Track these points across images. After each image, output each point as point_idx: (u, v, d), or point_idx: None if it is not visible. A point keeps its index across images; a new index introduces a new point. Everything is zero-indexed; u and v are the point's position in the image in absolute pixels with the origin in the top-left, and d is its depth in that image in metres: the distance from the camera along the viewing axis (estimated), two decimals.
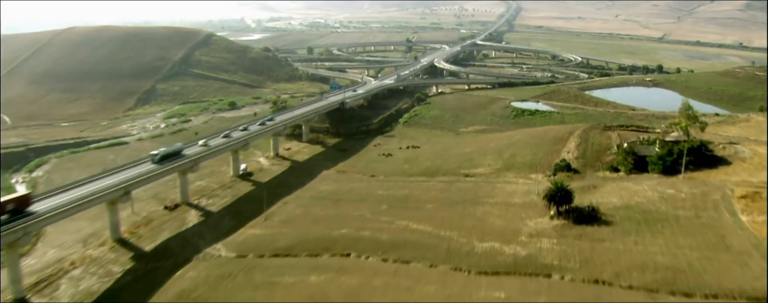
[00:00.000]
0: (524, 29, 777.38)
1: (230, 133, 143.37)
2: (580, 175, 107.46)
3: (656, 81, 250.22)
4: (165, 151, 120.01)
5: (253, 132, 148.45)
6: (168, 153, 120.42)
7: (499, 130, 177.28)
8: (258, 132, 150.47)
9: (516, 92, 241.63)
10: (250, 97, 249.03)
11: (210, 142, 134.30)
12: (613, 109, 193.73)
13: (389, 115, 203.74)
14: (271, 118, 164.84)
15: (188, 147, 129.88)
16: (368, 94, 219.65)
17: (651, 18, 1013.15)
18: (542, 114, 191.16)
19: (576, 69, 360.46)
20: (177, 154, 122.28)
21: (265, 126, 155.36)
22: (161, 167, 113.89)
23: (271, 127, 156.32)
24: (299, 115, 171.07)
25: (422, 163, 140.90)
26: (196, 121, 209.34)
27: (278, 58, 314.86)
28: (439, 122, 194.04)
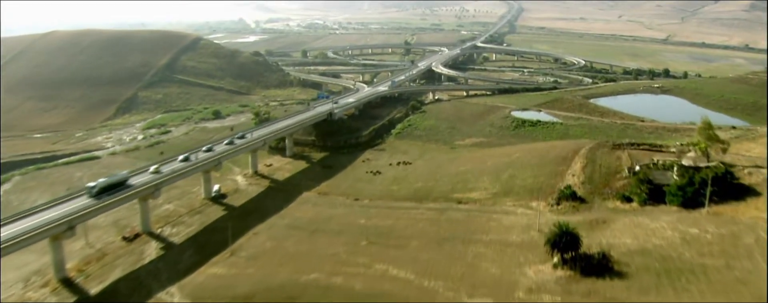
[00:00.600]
0: (526, 30, 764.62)
1: (190, 156, 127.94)
2: (587, 205, 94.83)
3: (665, 87, 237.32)
4: (105, 183, 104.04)
5: (216, 154, 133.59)
6: (109, 184, 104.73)
7: (497, 143, 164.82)
8: (226, 152, 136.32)
9: (517, 100, 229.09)
10: (237, 105, 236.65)
11: (163, 168, 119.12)
12: (620, 119, 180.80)
13: (381, 125, 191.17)
14: (241, 135, 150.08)
15: (136, 175, 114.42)
16: (359, 103, 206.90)
17: (654, 19, 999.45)
18: (544, 125, 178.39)
19: (579, 73, 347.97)
20: (121, 184, 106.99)
21: (234, 145, 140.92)
22: (99, 202, 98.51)
23: (245, 145, 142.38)
24: (280, 129, 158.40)
25: (412, 183, 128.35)
26: (177, 132, 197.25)
27: (269, 63, 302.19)
28: (433, 134, 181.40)
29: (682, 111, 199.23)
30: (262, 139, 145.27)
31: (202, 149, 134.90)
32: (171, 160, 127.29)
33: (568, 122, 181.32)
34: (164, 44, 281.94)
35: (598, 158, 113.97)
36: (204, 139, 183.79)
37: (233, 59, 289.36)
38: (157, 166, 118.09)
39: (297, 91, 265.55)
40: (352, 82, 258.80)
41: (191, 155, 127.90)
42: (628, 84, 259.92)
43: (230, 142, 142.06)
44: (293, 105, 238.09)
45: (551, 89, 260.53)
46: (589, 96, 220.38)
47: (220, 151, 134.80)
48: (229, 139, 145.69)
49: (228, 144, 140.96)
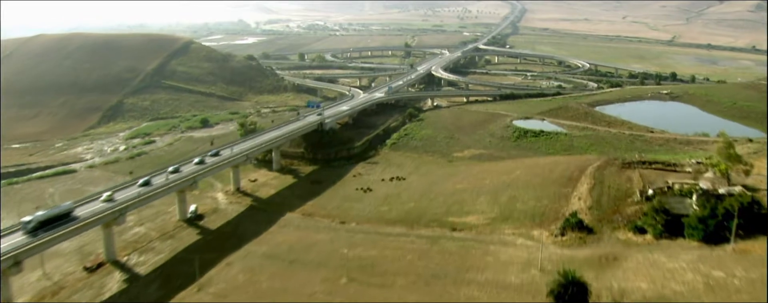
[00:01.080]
0: (529, 31, 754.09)
1: (151, 180, 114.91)
2: (596, 236, 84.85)
3: (674, 94, 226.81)
4: (44, 216, 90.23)
5: (183, 177, 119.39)
6: (49, 218, 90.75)
7: (498, 156, 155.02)
8: (198, 172, 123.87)
9: (519, 107, 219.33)
10: (227, 112, 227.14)
11: (117, 195, 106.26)
12: (628, 130, 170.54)
13: (375, 135, 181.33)
14: (216, 152, 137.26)
15: (84, 204, 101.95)
16: (353, 111, 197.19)
17: (659, 19, 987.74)
18: (548, 136, 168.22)
19: (584, 77, 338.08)
20: (64, 217, 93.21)
21: (204, 165, 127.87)
22: (34, 240, 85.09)
23: (223, 162, 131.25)
24: (266, 142, 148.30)
25: (404, 203, 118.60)
26: (161, 143, 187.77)
27: (262, 68, 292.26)
28: (430, 145, 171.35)
29: (692, 120, 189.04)
30: (243, 155, 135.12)
31: (168, 170, 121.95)
32: (131, 183, 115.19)
33: (572, 133, 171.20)
34: (154, 48, 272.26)
35: (607, 179, 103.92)
36: (188, 151, 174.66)
37: (226, 63, 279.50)
38: (111, 194, 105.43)
39: (291, 97, 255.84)
40: (348, 88, 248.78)
41: (152, 178, 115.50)
42: (636, 90, 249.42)
43: (200, 162, 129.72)
44: (285, 112, 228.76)
45: (555, 95, 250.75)
46: (595, 103, 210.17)
47: (188, 173, 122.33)
48: (200, 157, 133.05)
49: (198, 163, 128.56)
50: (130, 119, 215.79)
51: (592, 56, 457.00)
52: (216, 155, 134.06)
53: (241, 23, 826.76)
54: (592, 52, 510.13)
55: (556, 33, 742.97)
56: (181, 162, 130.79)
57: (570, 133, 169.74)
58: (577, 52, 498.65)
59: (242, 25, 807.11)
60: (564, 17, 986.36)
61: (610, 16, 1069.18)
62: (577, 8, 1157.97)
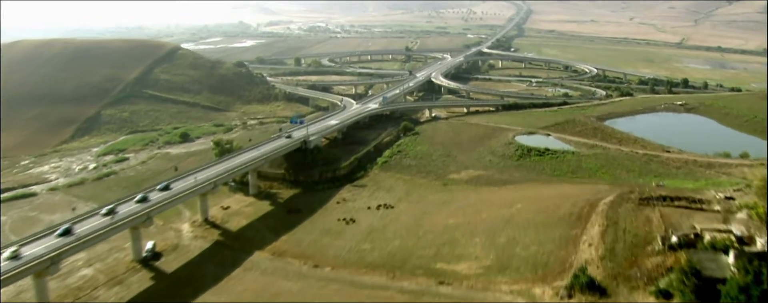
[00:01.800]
0: (535, 34, 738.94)
1: (72, 227, 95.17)
2: (610, 300, 69.96)
3: (689, 105, 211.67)
4: None
5: (114, 222, 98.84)
6: None
7: (498, 178, 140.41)
8: (132, 216, 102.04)
9: (523, 118, 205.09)
10: (211, 125, 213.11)
11: (24, 250, 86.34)
12: (641, 148, 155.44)
13: (366, 153, 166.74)
14: (165, 185, 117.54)
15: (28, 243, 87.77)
16: (343, 126, 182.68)
17: (667, 21, 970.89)
18: (553, 155, 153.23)
19: (591, 83, 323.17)
20: None
21: (147, 204, 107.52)
22: None
23: (182, 193, 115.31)
24: (240, 166, 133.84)
25: (389, 240, 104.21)
26: (134, 160, 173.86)
27: (252, 75, 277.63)
28: (425, 164, 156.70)
29: (711, 135, 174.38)
30: (210, 182, 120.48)
31: (101, 212, 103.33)
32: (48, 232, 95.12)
33: (580, 151, 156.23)
34: (138, 55, 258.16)
35: (622, 219, 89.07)
36: (161, 171, 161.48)
37: (213, 71, 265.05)
38: (16, 249, 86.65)
39: (280, 107, 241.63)
40: (340, 98, 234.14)
41: (74, 225, 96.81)
42: (648, 100, 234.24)
43: (142, 200, 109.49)
44: (272, 124, 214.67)
45: (561, 104, 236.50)
46: (605, 116, 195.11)
47: (125, 215, 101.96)
48: (143, 193, 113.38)
49: (139, 201, 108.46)
50: (106, 133, 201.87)
51: (600, 60, 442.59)
52: (165, 189, 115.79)
53: (241, 25, 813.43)
54: (599, 55, 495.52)
55: (562, 35, 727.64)
56: (120, 200, 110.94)
57: (578, 152, 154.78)
58: (583, 55, 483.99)
59: (242, 26, 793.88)
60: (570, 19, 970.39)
61: (618, 17, 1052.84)
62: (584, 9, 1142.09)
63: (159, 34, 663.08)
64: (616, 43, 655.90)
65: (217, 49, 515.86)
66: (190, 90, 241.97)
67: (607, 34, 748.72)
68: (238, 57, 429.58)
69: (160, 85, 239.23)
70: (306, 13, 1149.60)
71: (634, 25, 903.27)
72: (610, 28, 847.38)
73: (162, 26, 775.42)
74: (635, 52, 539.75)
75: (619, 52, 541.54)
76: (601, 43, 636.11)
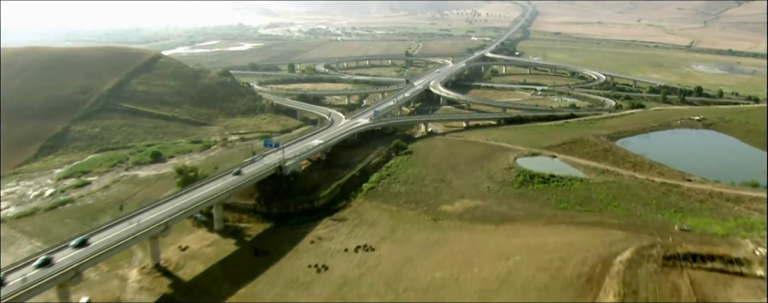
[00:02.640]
0: (540, 36, 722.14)
1: None
2: None
3: (707, 120, 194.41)
4: None
5: None
6: None
7: (496, 212, 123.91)
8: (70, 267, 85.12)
9: (526, 135, 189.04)
10: (188, 141, 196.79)
11: None
12: (658, 176, 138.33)
13: (350, 178, 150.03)
14: (80, 241, 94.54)
15: None
16: (327, 146, 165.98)
17: (676, 23, 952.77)
18: (559, 182, 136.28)
19: (599, 90, 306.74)
20: None
21: (47, 273, 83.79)
22: None
23: (123, 241, 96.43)
24: (199, 201, 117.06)
25: (364, 297, 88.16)
26: (97, 184, 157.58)
27: (238, 85, 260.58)
28: (415, 190, 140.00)
29: (734, 157, 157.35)
30: (160, 224, 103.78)
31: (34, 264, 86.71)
32: None
33: (590, 178, 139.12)
34: (115, 64, 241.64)
35: (643, 285, 72.32)
36: (125, 197, 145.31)
37: (196, 81, 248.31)
38: None
39: (266, 120, 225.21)
40: (328, 112, 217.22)
41: None
42: (661, 113, 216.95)
43: (44, 263, 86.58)
44: (255, 140, 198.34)
45: (568, 117, 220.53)
46: (616, 135, 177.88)
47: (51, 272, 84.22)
48: (46, 254, 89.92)
49: (40, 265, 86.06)
50: (73, 151, 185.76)
51: (607, 65, 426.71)
52: (81, 245, 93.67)
53: (240, 27, 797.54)
54: (606, 59, 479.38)
55: (568, 38, 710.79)
56: (16, 265, 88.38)
57: (586, 179, 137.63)
58: (590, 60, 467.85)
59: (241, 29, 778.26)
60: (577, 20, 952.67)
61: (625, 18, 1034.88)
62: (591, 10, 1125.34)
63: (155, 37, 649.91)
64: (624, 46, 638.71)
65: (213, 53, 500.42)
66: (170, 102, 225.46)
67: (614, 37, 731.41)
68: (234, 61, 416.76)
69: (136, 97, 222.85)
70: (308, 14, 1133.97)
71: (642, 27, 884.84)
72: (617, 30, 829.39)
73: (160, 28, 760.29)
74: (644, 56, 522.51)
75: (627, 55, 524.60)
76: (608, 46, 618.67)
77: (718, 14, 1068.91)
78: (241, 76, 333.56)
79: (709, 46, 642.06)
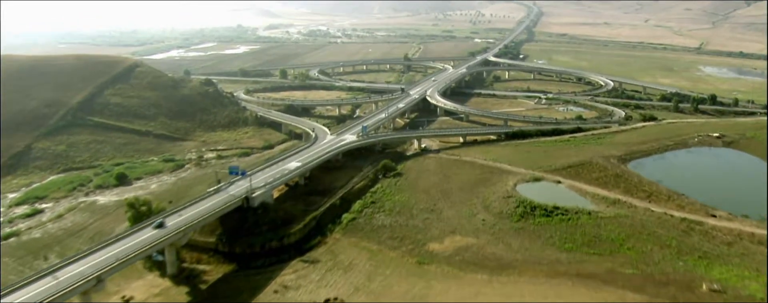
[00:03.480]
0: (545, 38, 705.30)
1: None
2: None
3: (727, 137, 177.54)
4: None
5: None
6: None
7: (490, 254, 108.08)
8: None
9: (528, 153, 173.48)
10: (160, 159, 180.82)
11: None
12: (677, 209, 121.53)
13: (329, 207, 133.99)
14: None
15: None
16: (306, 170, 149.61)
17: (684, 23, 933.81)
18: (563, 216, 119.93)
19: (608, 98, 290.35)
20: None
21: None
22: None
23: None
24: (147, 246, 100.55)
25: None
26: (50, 213, 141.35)
27: (220, 95, 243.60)
28: (401, 223, 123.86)
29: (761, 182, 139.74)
30: (91, 278, 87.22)
31: None
32: None
33: (599, 210, 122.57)
34: (88, 74, 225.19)
35: None
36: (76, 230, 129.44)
37: (175, 91, 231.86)
38: None
39: (249, 134, 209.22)
40: (312, 126, 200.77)
41: None
42: (676, 128, 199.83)
43: None
44: (234, 158, 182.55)
45: (574, 131, 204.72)
46: (628, 156, 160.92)
47: None
48: None
49: None
50: (34, 171, 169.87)
51: (615, 69, 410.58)
52: None
53: (238, 29, 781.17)
54: (614, 62, 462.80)
55: (574, 39, 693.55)
56: None
57: (596, 212, 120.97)
58: (597, 63, 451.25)
59: (239, 30, 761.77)
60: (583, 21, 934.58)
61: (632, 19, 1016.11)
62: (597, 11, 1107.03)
63: (151, 39, 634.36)
64: (632, 47, 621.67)
65: (207, 56, 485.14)
66: (145, 115, 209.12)
67: (621, 38, 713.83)
68: (227, 66, 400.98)
69: (108, 110, 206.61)
70: (309, 15, 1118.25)
71: (650, 28, 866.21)
72: (624, 31, 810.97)
73: (156, 30, 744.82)
74: (653, 59, 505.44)
75: (635, 58, 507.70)
76: (615, 49, 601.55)
77: (727, 15, 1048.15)
78: (231, 83, 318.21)
79: (718, 48, 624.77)
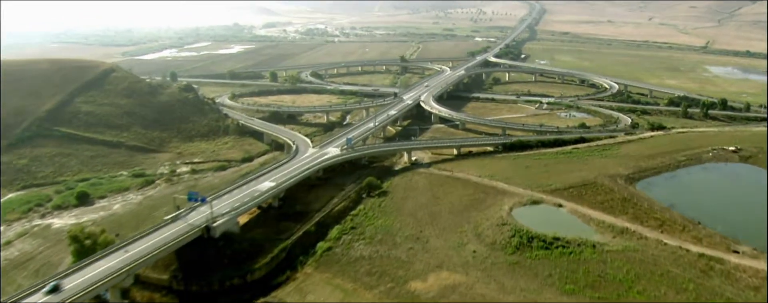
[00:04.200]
0: (548, 36, 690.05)
1: None
2: None
3: (744, 151, 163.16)
4: None
5: None
6: None
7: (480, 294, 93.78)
8: None
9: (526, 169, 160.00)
10: (129, 174, 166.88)
11: None
12: (694, 242, 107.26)
13: (302, 235, 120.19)
14: None
15: None
16: (280, 191, 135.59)
17: (689, 21, 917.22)
18: (564, 249, 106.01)
19: (612, 103, 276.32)
20: None
21: None
22: None
23: None
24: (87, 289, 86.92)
25: None
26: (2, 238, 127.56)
27: (201, 101, 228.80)
28: (381, 255, 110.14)
29: None
30: None
31: None
32: None
33: (605, 242, 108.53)
34: (59, 80, 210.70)
35: None
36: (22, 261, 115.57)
37: (152, 98, 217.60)
38: None
39: (228, 145, 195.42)
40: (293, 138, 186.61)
41: None
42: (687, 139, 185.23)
43: None
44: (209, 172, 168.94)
45: (577, 141, 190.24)
46: (637, 174, 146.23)
47: None
48: None
49: None
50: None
51: (619, 69, 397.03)
52: None
53: (235, 27, 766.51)
54: (618, 62, 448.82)
55: (576, 38, 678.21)
56: None
57: (601, 245, 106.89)
58: (601, 63, 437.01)
59: (235, 29, 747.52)
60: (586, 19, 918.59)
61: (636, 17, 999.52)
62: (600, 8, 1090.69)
63: (144, 39, 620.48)
64: (636, 46, 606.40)
65: (200, 56, 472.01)
66: (117, 125, 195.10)
67: (625, 37, 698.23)
68: (219, 66, 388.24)
69: (79, 120, 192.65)
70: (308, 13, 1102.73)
71: (654, 26, 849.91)
72: (628, 29, 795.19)
73: (151, 29, 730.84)
74: (658, 59, 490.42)
75: (640, 58, 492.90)
76: (619, 48, 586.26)
77: (733, 12, 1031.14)
78: (218, 86, 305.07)
79: (725, 47, 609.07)
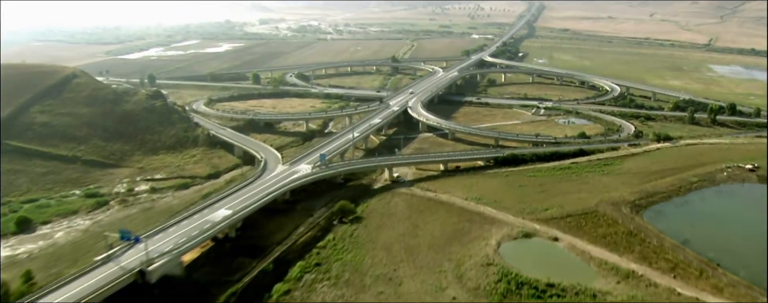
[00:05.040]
0: (547, 33, 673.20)
1: None
2: None
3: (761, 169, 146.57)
4: None
5: None
6: None
7: None
8: None
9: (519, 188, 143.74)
10: (82, 194, 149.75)
11: None
12: (714, 292, 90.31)
13: (259, 274, 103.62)
14: None
15: None
16: (237, 220, 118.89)
17: (691, 18, 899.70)
18: (559, 300, 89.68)
19: (614, 107, 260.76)
20: None
21: None
22: None
23: None
24: None
25: None
26: None
27: (170, 109, 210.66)
28: (347, 298, 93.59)
29: None
30: None
31: None
32: None
33: (608, 288, 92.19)
34: (14, 88, 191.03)
35: None
36: None
37: (116, 106, 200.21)
38: None
39: (196, 158, 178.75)
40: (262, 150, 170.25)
41: None
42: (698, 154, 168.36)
43: None
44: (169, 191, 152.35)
45: (576, 154, 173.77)
46: (644, 200, 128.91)
47: None
48: None
49: None
50: None
51: (620, 69, 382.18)
52: None
53: (226, 24, 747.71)
54: (619, 61, 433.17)
55: (576, 35, 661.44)
56: None
57: (603, 294, 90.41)
58: (602, 62, 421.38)
59: (227, 26, 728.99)
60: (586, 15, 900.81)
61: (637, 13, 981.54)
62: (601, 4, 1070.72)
63: (131, 37, 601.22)
64: (637, 44, 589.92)
65: (186, 55, 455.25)
66: (75, 137, 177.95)
67: (626, 34, 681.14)
68: (203, 66, 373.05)
69: (33, 132, 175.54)
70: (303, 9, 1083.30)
71: (656, 23, 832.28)
72: (629, 26, 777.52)
73: (141, 26, 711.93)
74: (660, 58, 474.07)
75: (641, 56, 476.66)
76: (620, 45, 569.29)
77: (736, 9, 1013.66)
78: (198, 89, 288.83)
79: (729, 45, 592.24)
